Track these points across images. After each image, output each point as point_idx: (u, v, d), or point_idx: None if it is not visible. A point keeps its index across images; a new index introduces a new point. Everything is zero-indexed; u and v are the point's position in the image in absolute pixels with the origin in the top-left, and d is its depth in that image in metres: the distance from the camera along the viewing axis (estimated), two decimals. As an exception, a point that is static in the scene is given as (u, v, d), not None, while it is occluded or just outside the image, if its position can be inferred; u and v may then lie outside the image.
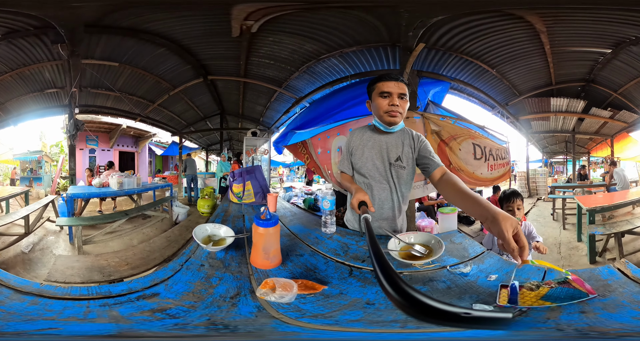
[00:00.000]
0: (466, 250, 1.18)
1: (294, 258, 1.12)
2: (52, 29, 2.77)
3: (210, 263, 1.05)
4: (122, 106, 4.20)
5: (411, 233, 1.19)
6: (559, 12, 2.71)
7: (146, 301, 0.77)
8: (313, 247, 1.24)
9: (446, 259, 1.08)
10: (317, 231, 1.45)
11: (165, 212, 3.99)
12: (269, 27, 2.76)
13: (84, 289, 0.80)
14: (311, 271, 1.01)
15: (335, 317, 0.71)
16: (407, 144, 1.37)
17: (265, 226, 1.00)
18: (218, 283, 0.89)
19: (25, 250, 2.87)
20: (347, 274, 0.99)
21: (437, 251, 1.03)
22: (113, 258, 2.47)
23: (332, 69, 3.40)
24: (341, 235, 1.38)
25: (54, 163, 4.44)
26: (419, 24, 2.48)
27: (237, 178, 2.56)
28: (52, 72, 3.48)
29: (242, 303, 0.78)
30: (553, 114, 4.07)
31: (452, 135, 3.09)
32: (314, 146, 3.41)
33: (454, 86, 3.76)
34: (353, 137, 1.44)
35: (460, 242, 1.27)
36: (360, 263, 1.07)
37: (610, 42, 3.04)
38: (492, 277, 0.92)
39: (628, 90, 3.58)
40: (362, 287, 0.89)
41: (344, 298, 0.82)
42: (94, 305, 0.74)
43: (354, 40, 2.94)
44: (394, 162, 1.36)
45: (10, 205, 3.51)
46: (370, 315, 0.72)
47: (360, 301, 0.80)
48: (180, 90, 4.09)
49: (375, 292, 0.84)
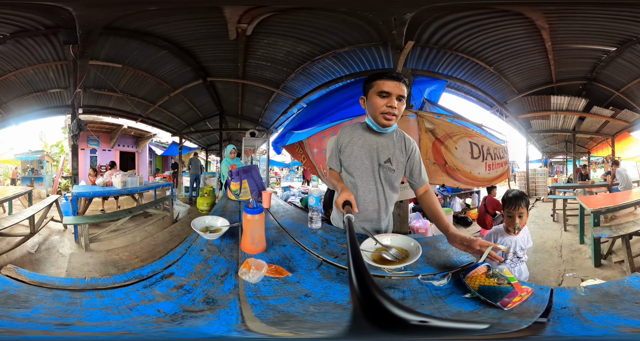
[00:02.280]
0: (449, 259, 1.09)
1: (277, 247, 1.24)
2: (65, 29, 2.79)
3: (208, 248, 1.22)
4: (124, 107, 4.27)
5: (392, 236, 1.14)
6: (563, 9, 2.62)
7: (168, 280, 0.95)
8: (296, 239, 1.33)
9: (422, 267, 1.02)
10: (304, 226, 1.51)
11: (166, 211, 4.06)
12: (262, 29, 2.79)
13: (124, 276, 0.96)
14: (287, 259, 1.13)
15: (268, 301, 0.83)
16: (399, 148, 1.33)
17: (252, 213, 1.16)
18: (213, 264, 1.07)
19: (31, 250, 2.94)
20: (316, 267, 1.06)
21: (412, 257, 0.97)
22: (123, 253, 2.58)
23: (327, 70, 3.41)
24: (325, 231, 1.43)
25: (55, 163, 4.53)
26: (396, 22, 2.42)
27: (235, 176, 2.65)
28: (56, 72, 3.53)
29: (227, 281, 0.95)
30: (553, 113, 4.01)
31: (448, 133, 3.06)
32: (310, 146, 3.44)
33: (450, 84, 3.72)
34: (343, 134, 1.41)
35: (445, 248, 1.19)
36: (332, 258, 1.11)
37: (616, 40, 2.96)
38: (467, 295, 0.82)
39: (630, 89, 3.51)
40: (319, 281, 0.95)
41: (296, 286, 0.92)
42: (140, 288, 0.89)
43: (345, 40, 2.94)
44: (384, 163, 1.32)
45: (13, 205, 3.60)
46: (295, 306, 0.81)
47: (304, 292, 0.89)
48: (180, 91, 4.15)
49: (325, 287, 0.91)
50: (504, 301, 0.75)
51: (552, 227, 3.79)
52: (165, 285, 0.91)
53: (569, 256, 3.11)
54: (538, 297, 0.81)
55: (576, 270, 2.83)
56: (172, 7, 2.69)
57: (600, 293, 0.82)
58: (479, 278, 0.84)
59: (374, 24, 2.55)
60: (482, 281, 0.82)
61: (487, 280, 0.82)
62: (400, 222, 2.53)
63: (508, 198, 1.69)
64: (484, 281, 0.82)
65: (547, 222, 3.91)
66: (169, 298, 0.83)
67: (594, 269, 2.76)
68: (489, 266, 0.89)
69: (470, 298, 0.81)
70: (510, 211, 1.67)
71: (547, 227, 3.82)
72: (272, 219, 1.76)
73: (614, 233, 2.57)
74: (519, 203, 1.64)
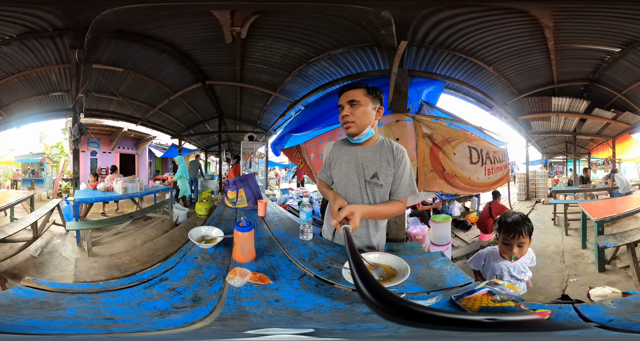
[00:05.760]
0: (442, 279, 1.03)
1: (266, 257, 1.30)
2: (73, 32, 2.78)
3: (202, 256, 1.31)
4: (124, 110, 4.30)
5: (381, 254, 1.12)
6: (573, 6, 2.51)
7: (164, 282, 1.08)
8: (285, 250, 1.37)
9: (409, 286, 0.98)
10: (296, 237, 1.53)
11: (166, 214, 4.10)
12: (257, 32, 2.78)
13: (128, 279, 1.09)
14: (273, 269, 1.19)
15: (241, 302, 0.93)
16: (385, 160, 1.28)
17: (242, 231, 1.23)
18: (205, 270, 1.18)
19: (34, 254, 2.99)
20: (297, 277, 1.11)
21: (399, 277, 0.95)
22: (125, 257, 2.68)
23: (323, 72, 3.40)
24: (315, 243, 1.44)
25: (55, 165, 4.57)
26: (380, 22, 2.32)
27: (232, 186, 2.74)
28: (59, 76, 3.54)
29: (214, 284, 1.06)
30: (554, 114, 3.95)
31: (446, 138, 3.00)
32: (307, 151, 3.44)
33: (449, 85, 3.68)
34: (332, 150, 1.42)
35: (438, 268, 1.13)
36: (316, 271, 1.13)
37: (621, 41, 2.87)
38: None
39: (632, 91, 3.44)
40: (296, 290, 1.01)
41: (272, 292, 1.00)
42: (142, 289, 1.03)
43: (338, 42, 2.91)
44: (370, 179, 1.29)
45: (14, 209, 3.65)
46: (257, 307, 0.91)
47: (276, 298, 0.96)
48: (180, 94, 4.17)
49: (298, 296, 0.98)
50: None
51: (553, 231, 3.71)
52: (162, 287, 1.05)
53: (571, 261, 3.05)
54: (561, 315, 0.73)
55: (580, 275, 2.78)
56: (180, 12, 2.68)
57: (632, 305, 0.78)
58: (479, 299, 0.77)
59: (360, 24, 2.48)
60: (486, 302, 0.75)
61: (491, 302, 0.74)
62: (397, 229, 2.50)
63: (506, 223, 1.37)
64: (487, 302, 0.74)
65: (547, 226, 3.85)
66: (163, 297, 0.98)
67: (598, 274, 2.71)
68: (490, 292, 0.81)
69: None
70: (507, 239, 1.37)
71: (548, 231, 3.75)
72: (266, 228, 1.78)
73: (619, 242, 2.49)
74: (520, 232, 1.33)
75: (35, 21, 2.67)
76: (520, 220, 1.34)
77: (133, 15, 2.62)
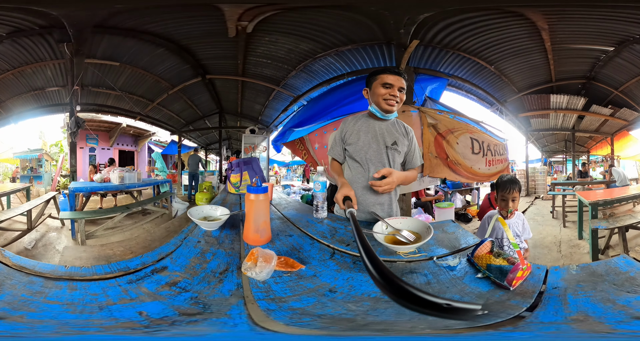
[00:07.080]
0: (458, 240, 1.11)
1: (283, 237, 1.16)
2: (58, 28, 2.80)
3: (206, 240, 1.10)
4: (122, 105, 4.25)
5: (401, 219, 1.15)
6: (562, 11, 2.68)
7: (160, 275, 0.81)
8: (302, 229, 1.26)
9: (434, 249, 1.02)
10: (309, 216, 1.46)
11: (165, 208, 4.03)
12: (264, 27, 2.77)
13: (107, 267, 0.84)
14: (296, 250, 1.04)
15: (288, 302, 0.70)
16: (401, 133, 1.44)
17: (256, 192, 1.05)
18: (211, 259, 0.93)
19: (28, 246, 2.91)
20: (329, 257, 1.00)
21: (424, 238, 0.98)
22: (118, 248, 2.55)
23: (328, 67, 3.41)
24: (331, 220, 1.38)
25: (54, 163, 4.49)
26: (408, 21, 2.47)
27: (235, 168, 2.58)
28: (54, 71, 3.52)
29: (227, 280, 0.81)
30: (553, 111, 4.03)
31: (450, 128, 3.06)
32: (311, 142, 3.43)
33: (452, 82, 3.74)
34: (347, 124, 1.47)
35: (452, 231, 1.20)
36: (344, 246, 1.07)
37: (614, 40, 3.01)
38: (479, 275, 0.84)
39: (629, 88, 3.54)
40: (337, 271, 0.89)
41: (314, 281, 0.82)
42: (123, 284, 0.76)
43: (348, 39, 2.95)
44: (391, 145, 1.40)
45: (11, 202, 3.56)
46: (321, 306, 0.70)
47: (326, 287, 0.79)
48: (179, 89, 4.12)
49: (347, 279, 0.83)
50: (509, 279, 0.77)
51: (552, 224, 3.84)
52: (156, 281, 0.78)
53: (567, 251, 3.15)
54: (535, 276, 0.83)
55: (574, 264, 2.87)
56: (168, 4, 2.67)
57: (588, 272, 0.85)
58: (485, 257, 0.87)
59: (382, 22, 2.57)
60: (489, 260, 0.86)
61: (494, 259, 0.86)
62: (404, 214, 2.52)
63: (502, 182, 1.73)
64: (490, 260, 0.86)
65: (546, 219, 3.95)
66: (159, 297, 0.69)
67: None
68: (492, 241, 0.92)
69: (482, 277, 0.83)
70: (504, 195, 1.70)
71: (547, 223, 3.86)
72: (275, 210, 1.72)
73: (611, 225, 2.63)
74: (513, 187, 1.68)
75: (19, 22, 2.70)
76: (512, 179, 1.75)
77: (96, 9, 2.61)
